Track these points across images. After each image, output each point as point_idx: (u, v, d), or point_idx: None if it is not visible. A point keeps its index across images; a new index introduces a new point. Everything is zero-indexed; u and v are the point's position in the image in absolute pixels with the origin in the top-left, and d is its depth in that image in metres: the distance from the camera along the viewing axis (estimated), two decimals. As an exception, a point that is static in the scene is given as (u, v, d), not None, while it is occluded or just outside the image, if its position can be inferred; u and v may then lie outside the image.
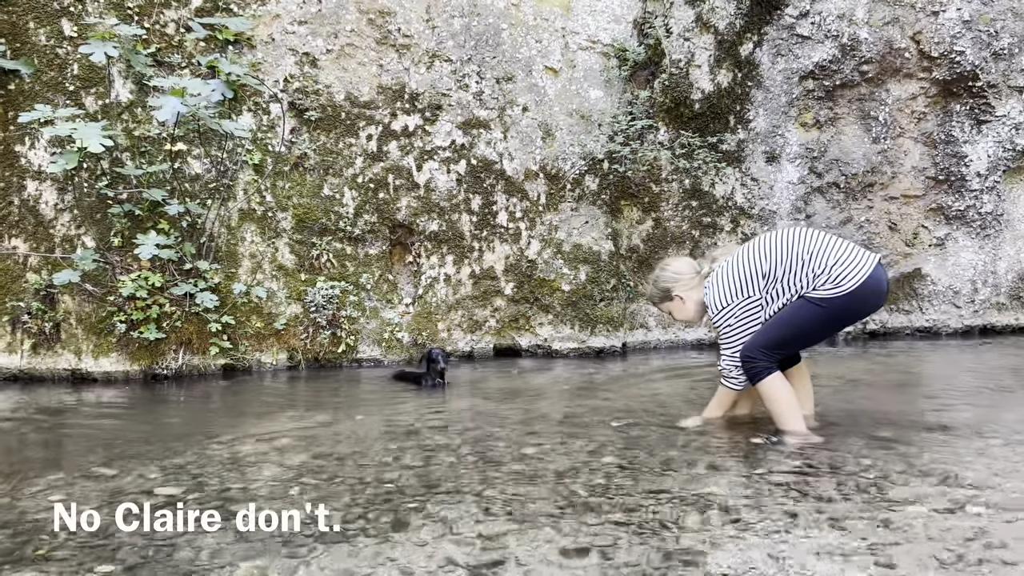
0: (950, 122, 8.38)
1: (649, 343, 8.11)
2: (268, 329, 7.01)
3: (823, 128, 8.32)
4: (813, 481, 3.45)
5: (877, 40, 8.15)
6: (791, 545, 2.74)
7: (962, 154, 8.33)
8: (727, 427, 4.52)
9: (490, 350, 7.65)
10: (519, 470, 3.76)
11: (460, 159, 7.61)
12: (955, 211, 8.41)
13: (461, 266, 7.59)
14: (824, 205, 8.36)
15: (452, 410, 5.31)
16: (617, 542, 2.79)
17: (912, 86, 8.34)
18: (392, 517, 3.14)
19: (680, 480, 3.52)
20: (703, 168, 8.02)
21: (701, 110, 8.01)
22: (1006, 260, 8.49)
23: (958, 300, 8.50)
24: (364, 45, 7.49)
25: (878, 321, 8.51)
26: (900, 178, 8.45)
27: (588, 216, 7.92)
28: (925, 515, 2.95)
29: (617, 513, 3.12)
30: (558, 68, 7.93)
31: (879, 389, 5.82)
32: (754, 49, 8.06)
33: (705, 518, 3.03)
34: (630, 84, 8.12)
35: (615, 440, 4.35)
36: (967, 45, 8.13)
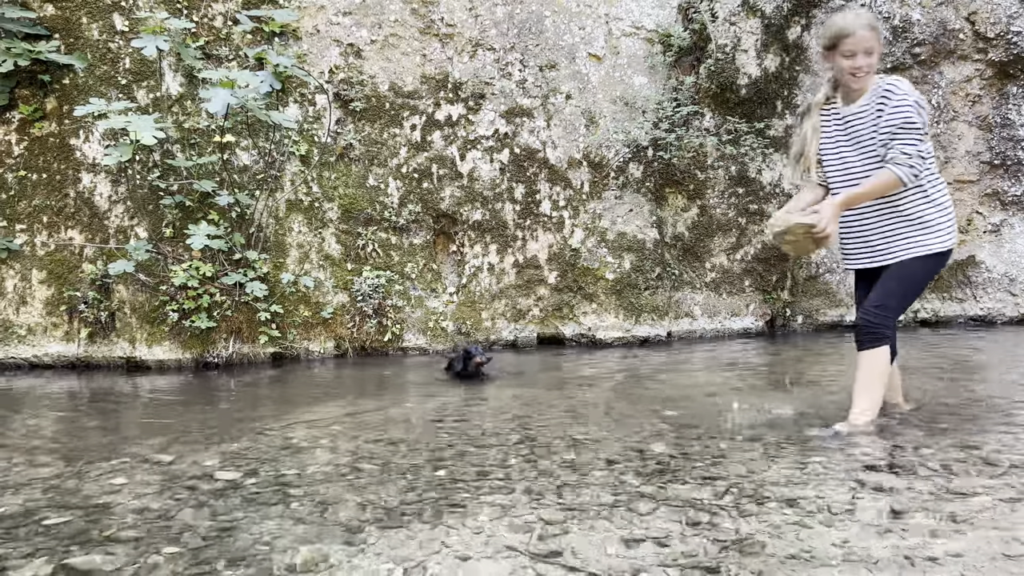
0: (1006, 105, 8.13)
1: (695, 332, 8.04)
2: (315, 318, 7.10)
3: (873, 112, 8.12)
4: (873, 471, 3.39)
5: (930, 21, 7.94)
6: (855, 533, 2.70)
7: (1019, 138, 8.09)
8: (777, 417, 4.46)
9: (534, 339, 7.65)
10: (570, 459, 3.76)
11: (503, 148, 7.61)
12: (1011, 196, 8.18)
13: (504, 255, 7.59)
14: (874, 191, 8.16)
15: (500, 397, 5.32)
16: (671, 532, 2.77)
17: (967, 68, 8.11)
18: (447, 502, 3.16)
19: (734, 469, 3.49)
20: (750, 154, 7.91)
21: (748, 95, 7.88)
22: (1065, 247, 8.24)
23: (1014, 288, 8.28)
24: (407, 35, 7.51)
25: (930, 310, 8.33)
26: (954, 163, 8.23)
27: (632, 204, 7.87)
28: (990, 506, 2.89)
29: (673, 500, 3.10)
30: (601, 55, 7.87)
31: (934, 378, 5.69)
32: (802, 33, 7.91)
33: (762, 507, 2.99)
34: (675, 70, 8.03)
35: (665, 429, 4.32)
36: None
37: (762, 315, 8.21)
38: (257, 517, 3.04)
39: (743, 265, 8.12)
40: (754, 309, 8.19)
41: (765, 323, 8.22)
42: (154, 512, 3.12)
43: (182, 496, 3.32)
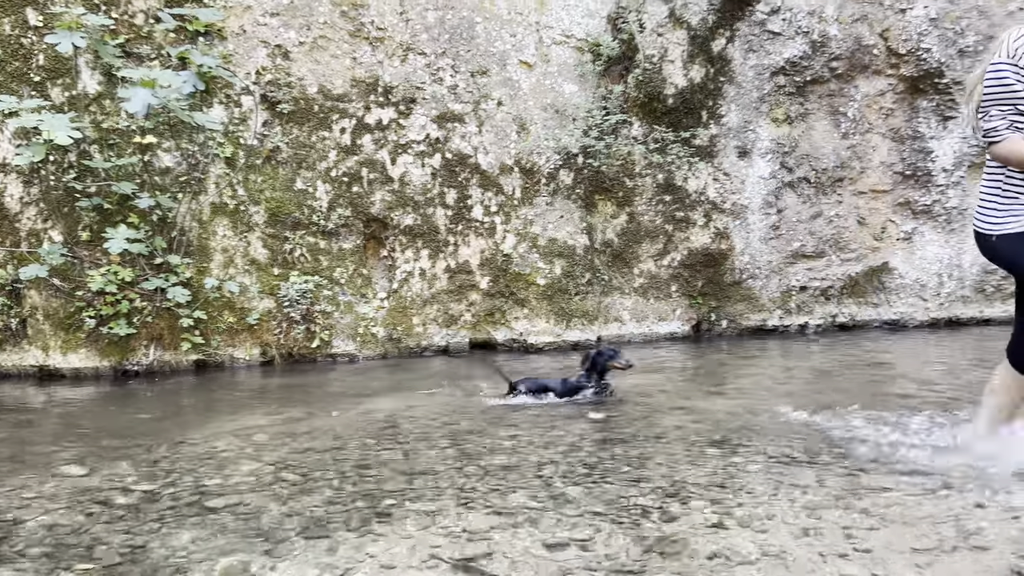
0: (917, 118, 8.51)
1: (624, 336, 8.14)
2: (241, 324, 6.93)
3: (794, 123, 8.42)
4: (792, 469, 3.49)
5: (846, 37, 8.25)
6: (771, 532, 2.78)
7: (928, 150, 8.48)
8: (705, 416, 4.56)
9: (466, 344, 7.63)
10: (499, 463, 3.77)
11: (435, 153, 7.58)
12: (922, 206, 8.56)
13: (436, 260, 7.57)
14: (795, 200, 8.45)
15: (432, 405, 5.29)
16: (596, 535, 2.80)
17: (880, 82, 8.46)
18: (373, 511, 3.13)
19: (660, 470, 3.55)
20: (676, 163, 8.07)
21: (674, 105, 8.05)
22: (970, 254, 8.64)
23: (924, 293, 8.66)
24: (337, 37, 7.43)
25: (847, 314, 8.64)
26: (868, 173, 8.57)
27: (563, 210, 7.94)
28: (899, 501, 3.01)
29: (598, 502, 3.14)
30: (532, 62, 7.93)
31: (849, 379, 5.91)
32: (726, 45, 8.12)
33: (685, 507, 3.05)
34: (604, 79, 8.14)
35: (594, 432, 4.38)
36: (933, 43, 8.27)
37: (688, 320, 8.38)
38: (175, 530, 2.96)
39: (670, 271, 8.28)
40: (681, 314, 8.35)
41: (691, 327, 8.39)
42: (65, 527, 3.00)
43: (95, 510, 3.20)
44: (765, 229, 8.38)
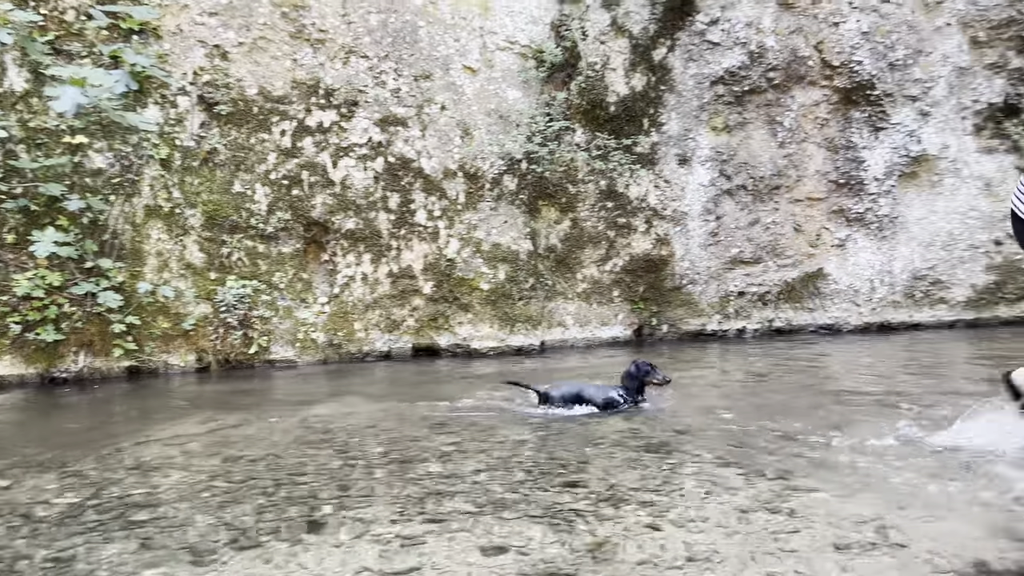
0: (850, 128, 8.78)
1: (567, 341, 8.20)
2: (176, 330, 6.77)
3: (732, 132, 8.59)
4: (723, 471, 3.55)
5: (783, 48, 8.47)
6: (703, 533, 2.82)
7: (861, 159, 8.75)
8: (643, 421, 4.61)
9: (409, 350, 7.59)
10: (437, 469, 3.74)
11: (377, 156, 7.53)
12: (855, 213, 8.82)
13: (378, 265, 7.51)
14: (733, 207, 8.63)
15: (369, 411, 5.24)
16: (531, 540, 2.81)
17: (815, 93, 8.70)
18: (306, 520, 3.08)
19: (596, 474, 3.58)
20: (618, 170, 8.17)
21: (616, 112, 8.15)
22: (901, 260, 8.95)
23: (857, 299, 8.92)
24: (277, 39, 7.32)
25: (784, 319, 8.84)
26: (804, 181, 8.80)
27: (507, 215, 7.96)
28: (823, 502, 3.09)
29: (534, 507, 3.14)
30: (476, 67, 7.94)
31: (783, 383, 6.04)
32: (667, 54, 8.26)
33: (619, 511, 3.08)
34: (548, 85, 8.20)
35: (533, 437, 4.38)
36: (865, 55, 8.54)
37: (630, 324, 8.48)
38: (99, 543, 2.86)
39: (612, 276, 8.36)
40: (623, 318, 8.44)
41: (633, 332, 8.49)
42: (-20, 542, 2.88)
43: (17, 523, 3.08)
44: (704, 236, 8.53)
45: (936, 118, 8.83)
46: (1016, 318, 9.07)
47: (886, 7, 8.60)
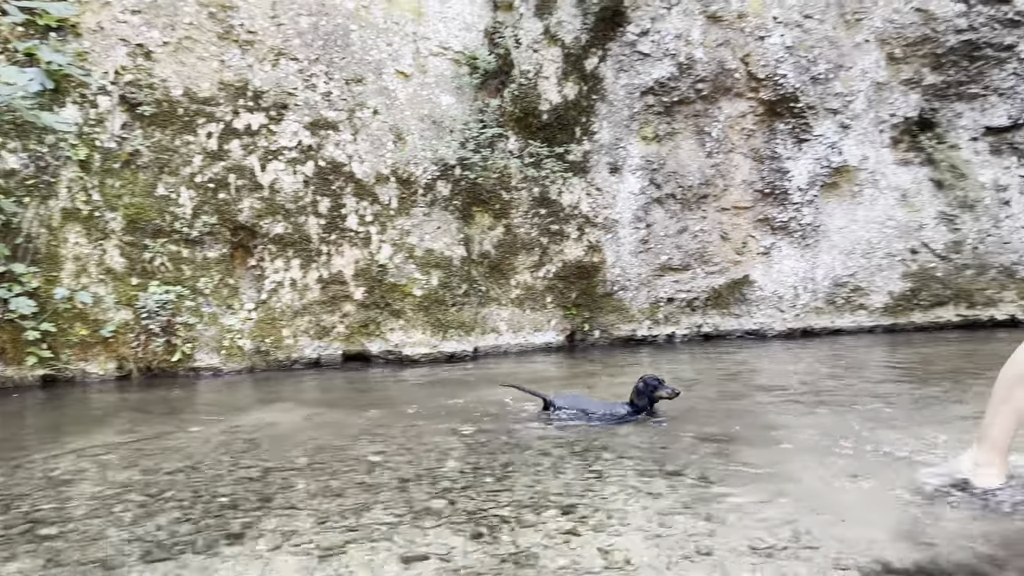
0: (775, 139, 9.04)
1: (500, 347, 8.21)
2: (94, 337, 6.54)
3: (662, 142, 8.76)
4: (645, 477, 3.61)
5: (711, 60, 8.68)
6: (622, 538, 2.86)
7: (785, 169, 9.02)
8: (571, 427, 4.65)
9: (339, 357, 7.49)
10: (360, 480, 3.71)
11: (307, 160, 7.42)
12: (779, 222, 9.08)
13: (308, 270, 7.40)
14: (663, 215, 8.79)
15: (293, 420, 5.15)
16: (453, 548, 2.80)
17: (742, 105, 8.94)
18: (224, 532, 3.01)
19: (521, 481, 3.59)
20: (551, 177, 8.24)
21: (549, 120, 8.22)
22: (823, 268, 9.25)
23: (782, 305, 9.18)
24: (204, 39, 7.16)
25: (712, 324, 9.04)
26: (731, 190, 9.02)
27: (440, 221, 7.94)
28: (739, 506, 3.16)
29: (458, 515, 3.14)
30: (409, 72, 7.91)
31: (710, 388, 6.17)
32: (599, 64, 8.37)
33: (540, 517, 3.10)
34: (481, 92, 8.22)
35: (461, 445, 4.37)
36: (789, 69, 8.81)
37: (563, 330, 8.55)
38: (4, 561, 2.74)
39: (545, 282, 8.42)
40: (555, 324, 8.51)
41: (566, 338, 8.56)
42: None
43: (-90, 542, 2.93)
44: (635, 243, 8.67)
45: (856, 131, 9.17)
46: (930, 323, 9.46)
47: (809, 23, 8.89)
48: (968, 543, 2.73)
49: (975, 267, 9.49)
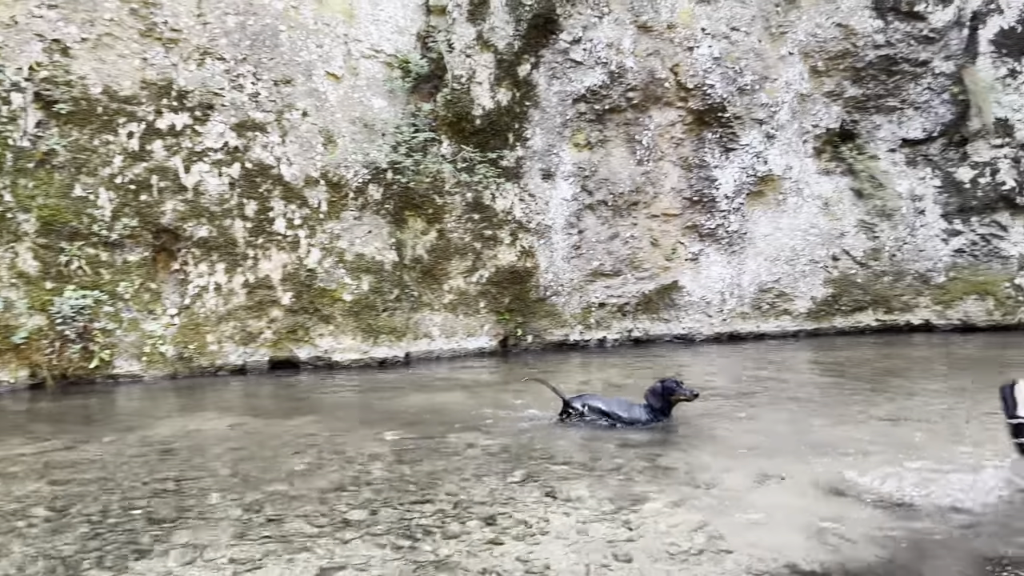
0: (703, 148, 9.23)
1: (433, 352, 8.16)
2: (5, 344, 6.26)
3: (594, 149, 8.85)
4: (568, 482, 3.63)
5: (641, 69, 8.81)
6: (542, 546, 2.87)
7: (712, 178, 9.21)
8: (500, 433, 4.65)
9: (265, 363, 7.33)
10: (282, 490, 3.63)
11: (234, 162, 7.26)
12: (707, 229, 9.28)
13: (233, 274, 7.22)
14: (595, 221, 8.88)
15: (213, 429, 5.02)
16: (372, 559, 2.77)
17: (671, 114, 9.10)
18: (134, 546, 2.91)
19: (446, 489, 3.57)
20: (484, 182, 8.24)
21: (482, 126, 8.22)
22: (749, 274, 9.48)
23: (709, 310, 9.37)
24: (126, 36, 6.94)
25: (642, 329, 9.16)
26: (661, 198, 9.17)
27: (371, 225, 7.85)
28: (659, 511, 3.21)
29: (380, 525, 3.10)
30: (340, 74, 7.81)
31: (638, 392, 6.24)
32: (531, 70, 8.42)
33: (463, 527, 3.09)
34: (414, 96, 8.17)
35: (387, 453, 4.33)
36: (717, 79, 9.01)
37: (496, 335, 8.55)
38: None
39: (479, 287, 8.41)
40: (489, 329, 8.51)
41: (499, 343, 8.56)
42: None
43: None
44: (567, 248, 8.74)
45: (780, 141, 9.43)
46: (851, 328, 9.78)
47: (736, 35, 9.11)
48: (876, 544, 2.83)
49: (892, 274, 9.86)
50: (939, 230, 9.94)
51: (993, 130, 9.73)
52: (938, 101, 9.79)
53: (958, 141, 9.87)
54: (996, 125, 9.71)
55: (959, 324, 9.78)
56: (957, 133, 9.84)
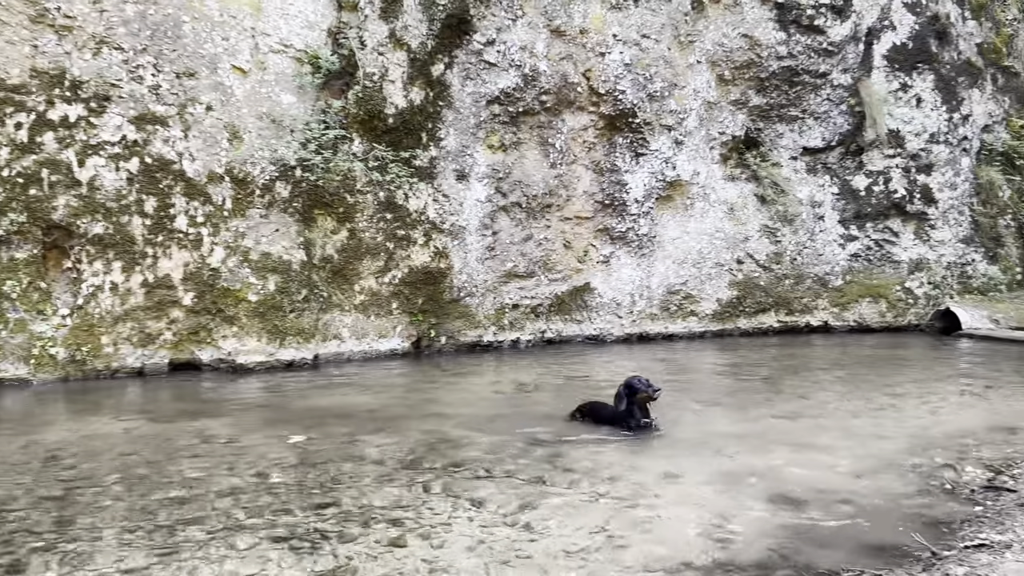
0: (614, 153, 9.38)
1: (343, 354, 8.01)
2: None
3: (508, 151, 8.88)
4: (473, 483, 3.62)
5: (554, 73, 8.89)
6: (445, 548, 2.85)
7: (623, 182, 9.37)
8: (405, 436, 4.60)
9: (165, 366, 7.04)
10: (177, 496, 3.50)
11: (132, 156, 6.95)
12: (618, 232, 9.43)
13: (131, 273, 6.92)
14: (508, 223, 8.90)
15: (105, 434, 4.78)
16: (268, 565, 2.69)
17: (584, 118, 9.21)
18: (10, 559, 2.74)
19: (348, 494, 3.51)
20: (397, 182, 8.14)
21: (395, 125, 8.13)
22: (658, 276, 9.69)
23: (620, 311, 9.53)
24: (14, 21, 6.56)
25: (555, 330, 9.24)
26: (573, 201, 9.27)
27: (279, 224, 7.66)
28: (560, 511, 3.23)
29: (278, 531, 3.02)
30: (247, 69, 7.58)
31: (547, 393, 6.30)
32: (445, 70, 8.38)
33: (366, 530, 3.04)
34: (324, 92, 8.00)
35: (289, 457, 4.23)
36: (628, 85, 9.18)
37: (409, 336, 8.47)
38: None
39: (391, 288, 8.31)
40: (401, 331, 8.41)
41: (412, 344, 8.48)
42: None
43: None
44: (481, 250, 8.73)
45: (688, 147, 9.68)
46: (754, 329, 10.12)
47: (646, 42, 9.30)
48: (767, 537, 2.93)
49: (793, 277, 10.26)
50: (837, 235, 10.40)
51: (886, 141, 10.25)
52: (836, 112, 10.25)
53: (854, 150, 10.34)
54: (888, 136, 10.23)
55: (855, 325, 10.27)
56: (853, 143, 10.32)
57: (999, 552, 2.57)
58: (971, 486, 3.43)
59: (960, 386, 6.22)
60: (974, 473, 3.60)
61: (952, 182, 10.52)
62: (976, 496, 3.29)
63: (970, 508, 3.16)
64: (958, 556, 2.60)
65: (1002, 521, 2.91)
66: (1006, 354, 8.09)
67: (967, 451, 4.05)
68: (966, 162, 10.65)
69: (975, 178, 10.76)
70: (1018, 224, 10.95)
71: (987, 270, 10.75)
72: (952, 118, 10.45)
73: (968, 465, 3.73)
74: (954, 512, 3.14)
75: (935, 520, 3.07)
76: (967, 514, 3.09)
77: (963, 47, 10.54)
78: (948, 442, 4.24)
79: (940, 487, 3.48)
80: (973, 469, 3.66)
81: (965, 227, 10.69)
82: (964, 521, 3.00)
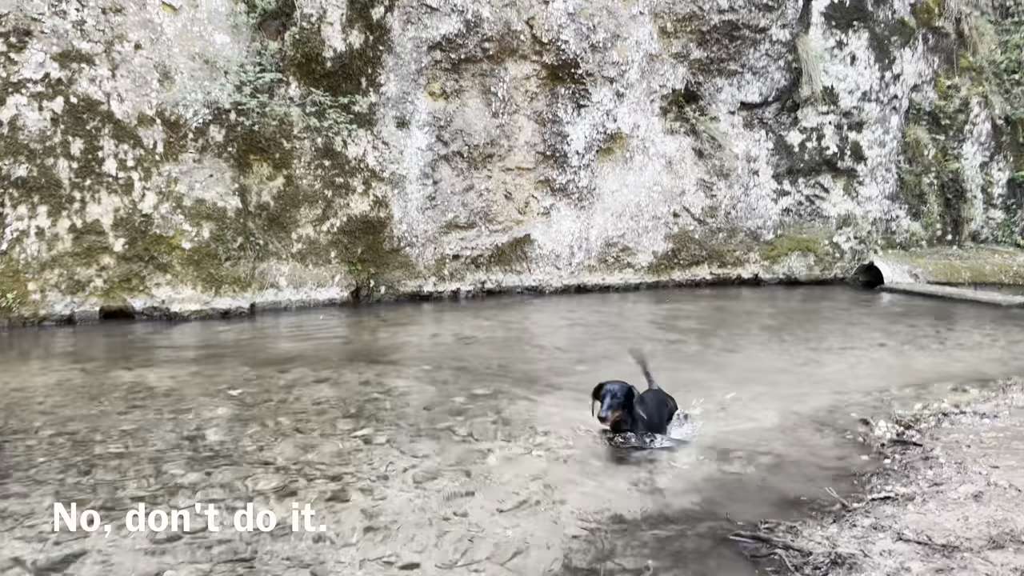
0: (556, 104, 9.36)
1: (280, 303, 7.94)
2: None
3: (449, 99, 8.78)
4: (413, 437, 3.69)
5: (497, 20, 8.76)
6: (386, 501, 2.93)
7: (565, 133, 9.38)
8: (345, 389, 4.63)
9: (96, 313, 6.88)
10: (114, 450, 3.48)
11: (56, 96, 6.65)
12: (559, 184, 9.47)
13: (58, 218, 6.69)
14: (450, 172, 8.86)
15: (38, 385, 4.70)
16: (208, 523, 2.73)
17: (526, 67, 9.14)
18: (-59, 520, 2.71)
19: (287, 450, 3.54)
20: (335, 128, 7.99)
21: (333, 69, 7.94)
22: (596, 229, 9.80)
23: (559, 263, 9.64)
24: (-79, -55, 6.15)
25: (495, 281, 9.31)
26: (515, 151, 9.26)
27: (213, 169, 7.46)
28: (499, 464, 3.34)
29: (214, 491, 3.04)
30: (178, 6, 7.27)
31: (487, 345, 6.39)
32: (385, 13, 8.18)
33: (307, 486, 3.09)
34: (259, 33, 7.74)
35: (227, 410, 4.22)
36: (571, 35, 9.12)
37: (348, 286, 8.43)
38: None
39: (329, 237, 8.23)
40: (340, 280, 8.36)
41: (351, 293, 8.45)
42: None
43: None
44: (422, 199, 8.68)
45: (629, 99, 9.71)
46: (688, 281, 10.37)
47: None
48: (693, 490, 3.08)
49: (727, 230, 10.50)
50: (770, 190, 10.65)
51: (820, 97, 10.46)
52: (775, 67, 10.39)
53: (790, 106, 10.54)
54: (823, 93, 10.45)
55: (783, 278, 10.60)
56: (790, 99, 10.50)
57: (902, 504, 2.77)
58: (882, 440, 3.66)
59: (878, 341, 6.54)
60: (885, 428, 3.83)
61: (881, 140, 10.83)
62: (886, 450, 3.51)
63: (880, 462, 3.38)
64: (865, 508, 2.80)
65: (907, 474, 3.13)
66: (923, 308, 8.50)
67: (881, 406, 4.29)
68: (895, 121, 10.96)
69: (903, 137, 11.10)
70: (940, 182, 11.39)
71: (910, 226, 11.19)
72: (884, 77, 10.70)
73: (881, 420, 3.97)
74: (865, 465, 3.36)
75: (848, 473, 3.28)
76: (877, 467, 3.31)
77: (897, 6, 10.75)
78: (864, 398, 4.49)
79: (854, 441, 3.71)
80: (885, 424, 3.90)
81: (891, 184, 11.06)
82: (874, 474, 3.21)
